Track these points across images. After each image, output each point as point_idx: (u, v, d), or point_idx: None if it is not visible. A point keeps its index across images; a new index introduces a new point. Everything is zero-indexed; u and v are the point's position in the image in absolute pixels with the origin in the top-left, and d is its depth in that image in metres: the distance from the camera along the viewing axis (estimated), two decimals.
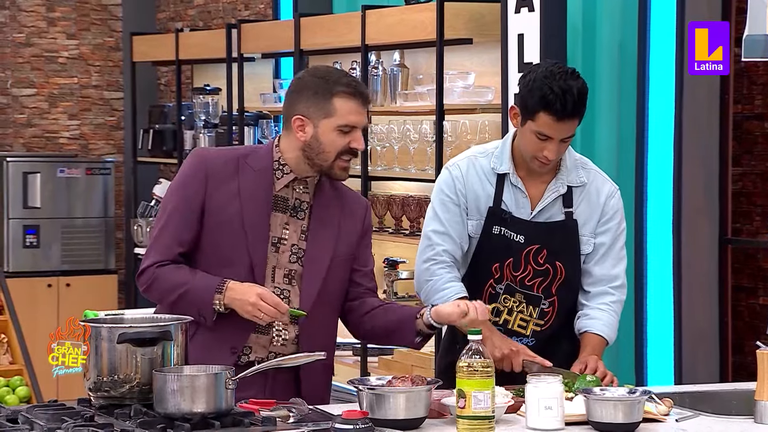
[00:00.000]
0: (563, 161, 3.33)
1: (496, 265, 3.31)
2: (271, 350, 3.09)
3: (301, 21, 6.06)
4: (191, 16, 8.26)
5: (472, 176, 3.33)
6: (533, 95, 3.19)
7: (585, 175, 3.34)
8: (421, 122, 5.38)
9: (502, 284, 3.32)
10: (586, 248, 3.33)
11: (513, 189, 3.31)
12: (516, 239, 3.29)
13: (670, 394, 3.04)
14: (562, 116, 3.18)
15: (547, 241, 3.30)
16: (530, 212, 3.30)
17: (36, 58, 8.41)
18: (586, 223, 3.33)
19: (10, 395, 4.86)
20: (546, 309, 3.32)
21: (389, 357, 5.58)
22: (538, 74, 3.22)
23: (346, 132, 3.05)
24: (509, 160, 3.32)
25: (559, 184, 3.32)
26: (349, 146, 3.06)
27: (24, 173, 7.79)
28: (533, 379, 2.81)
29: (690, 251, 4.49)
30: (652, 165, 4.62)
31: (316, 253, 3.11)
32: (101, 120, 8.60)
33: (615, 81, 4.76)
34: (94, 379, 2.76)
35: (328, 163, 3.07)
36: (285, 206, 3.11)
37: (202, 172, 3.08)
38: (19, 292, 5.88)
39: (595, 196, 3.34)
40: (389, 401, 2.75)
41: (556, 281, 3.32)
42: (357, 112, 3.05)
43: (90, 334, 2.78)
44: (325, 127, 3.05)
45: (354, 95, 3.05)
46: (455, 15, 5.11)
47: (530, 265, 3.30)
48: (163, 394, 2.66)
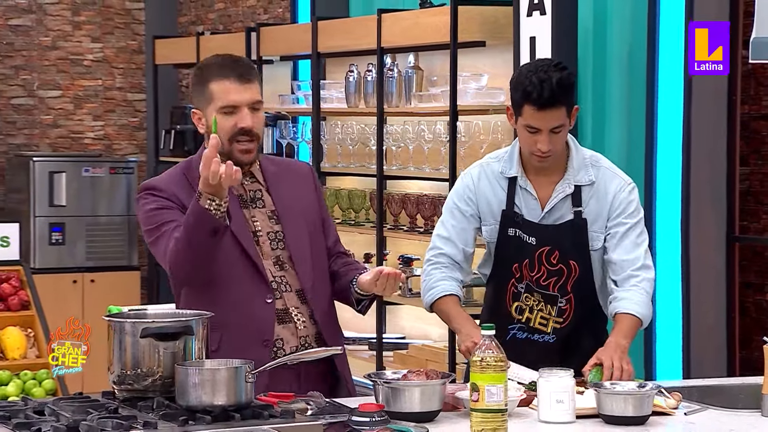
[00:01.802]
0: (570, 160, 3.31)
1: (515, 265, 3.32)
2: (300, 335, 3.07)
3: (319, 24, 6.06)
4: (212, 19, 8.27)
5: (484, 183, 3.34)
6: (517, 90, 3.21)
7: (594, 173, 3.32)
8: (435, 123, 5.38)
9: (523, 283, 3.32)
10: (596, 244, 3.31)
11: (523, 192, 3.31)
12: (528, 241, 3.29)
13: (678, 388, 3.03)
14: (542, 105, 3.16)
15: (558, 242, 3.29)
16: (540, 213, 3.30)
17: (61, 60, 8.43)
18: (596, 221, 3.31)
19: (37, 388, 4.87)
20: (564, 307, 3.31)
21: (404, 352, 5.58)
22: (524, 69, 3.25)
23: (230, 113, 2.99)
24: (518, 163, 3.32)
25: (566, 185, 3.30)
26: (236, 126, 2.99)
27: (50, 172, 7.82)
28: (545, 374, 2.81)
29: (698, 249, 4.48)
30: (661, 164, 4.60)
31: (294, 231, 3.08)
32: (124, 121, 8.63)
33: (625, 82, 4.75)
34: (118, 373, 2.76)
35: (226, 148, 3.00)
36: (244, 201, 3.08)
37: (165, 193, 3.02)
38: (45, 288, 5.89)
39: (603, 193, 3.32)
40: (405, 395, 2.75)
41: (571, 279, 3.30)
42: (234, 91, 2.98)
43: (114, 328, 2.79)
44: (210, 112, 3.01)
45: (226, 76, 2.99)
46: (469, 18, 5.11)
47: (543, 266, 3.30)
48: (185, 387, 2.66)
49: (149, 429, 2.56)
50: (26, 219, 7.71)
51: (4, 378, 4.86)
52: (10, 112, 8.33)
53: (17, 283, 5.29)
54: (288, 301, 3.08)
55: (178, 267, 2.98)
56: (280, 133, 6.47)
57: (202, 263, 2.97)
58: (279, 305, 3.06)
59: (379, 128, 5.63)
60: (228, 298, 3.04)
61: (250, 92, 3.01)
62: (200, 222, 2.89)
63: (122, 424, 2.54)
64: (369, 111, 5.76)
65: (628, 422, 2.76)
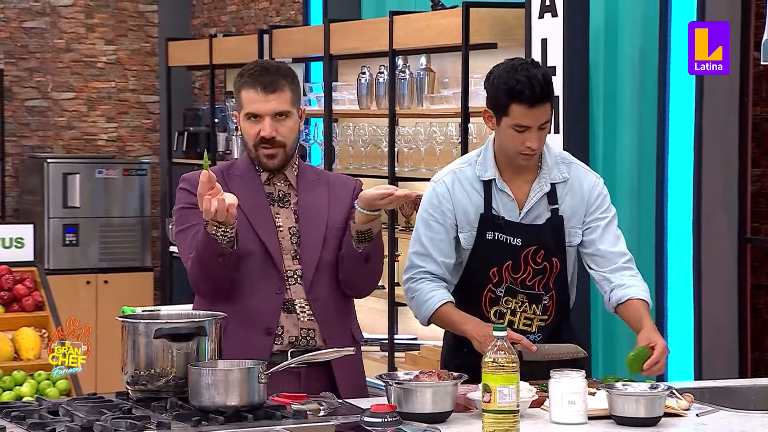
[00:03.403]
0: (544, 159, 3.29)
1: (493, 270, 3.27)
2: (301, 326, 3.10)
3: (331, 26, 6.06)
4: (225, 22, 8.28)
5: (458, 189, 3.28)
6: (500, 91, 3.17)
7: (566, 170, 3.31)
8: (446, 124, 5.38)
9: (502, 287, 3.28)
10: (574, 240, 3.30)
11: (500, 194, 3.27)
12: (513, 242, 3.25)
13: (690, 390, 3.03)
14: (533, 102, 3.15)
15: (542, 241, 3.27)
16: (518, 214, 3.27)
17: (75, 63, 8.46)
18: (573, 217, 3.30)
19: (51, 388, 4.88)
20: (547, 304, 3.30)
21: (416, 352, 5.58)
22: (501, 71, 3.22)
23: (255, 121, 3.09)
24: (493, 165, 3.28)
25: (542, 183, 3.28)
26: (258, 135, 3.09)
27: (64, 174, 7.84)
28: (557, 375, 2.81)
29: (710, 250, 4.47)
30: (673, 166, 4.59)
31: (309, 228, 3.14)
32: (138, 123, 8.64)
33: (636, 84, 4.74)
34: (132, 373, 2.77)
35: (253, 154, 3.13)
36: (272, 199, 3.16)
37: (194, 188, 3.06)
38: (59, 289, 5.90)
39: (579, 189, 3.30)
40: (417, 395, 2.75)
41: (552, 275, 3.29)
42: (258, 101, 3.08)
43: (128, 329, 2.79)
44: (241, 118, 3.14)
45: (252, 85, 3.09)
46: (480, 20, 5.11)
47: (529, 266, 3.27)
48: (198, 387, 2.67)
49: (163, 429, 2.56)
50: (40, 220, 7.73)
51: (18, 378, 4.88)
52: (24, 114, 8.35)
53: (31, 284, 5.30)
54: (295, 292, 3.11)
55: (195, 280, 3.10)
56: None
57: (216, 279, 3.06)
58: (286, 295, 3.11)
59: (390, 130, 5.63)
60: (242, 286, 3.09)
61: (273, 103, 3.09)
62: (207, 246, 3.00)
63: (136, 424, 2.55)
64: (381, 113, 5.76)
65: (640, 423, 2.75)
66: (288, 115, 3.11)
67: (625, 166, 4.74)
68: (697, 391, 3.06)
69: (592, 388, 2.91)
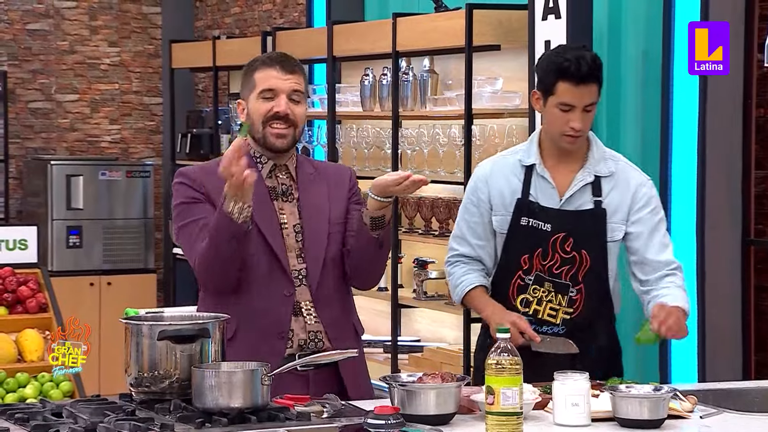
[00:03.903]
0: (591, 152, 3.33)
1: (525, 257, 3.31)
2: (309, 329, 3.09)
3: (334, 28, 6.07)
4: (228, 24, 8.29)
5: (497, 173, 3.35)
6: (549, 70, 3.24)
7: (614, 166, 3.35)
8: (450, 126, 5.38)
9: (531, 275, 3.32)
10: (617, 234, 3.32)
11: (540, 180, 3.32)
12: (543, 228, 3.29)
13: (694, 392, 3.02)
14: (580, 80, 3.20)
15: (574, 229, 3.29)
16: (558, 201, 3.30)
17: (79, 65, 8.47)
18: (617, 212, 3.32)
19: (55, 390, 4.89)
20: (574, 296, 3.32)
21: (419, 354, 5.58)
22: (551, 52, 3.31)
23: (269, 98, 3.08)
24: (537, 151, 3.33)
25: (587, 174, 3.32)
26: (272, 110, 3.07)
27: (67, 176, 7.84)
28: (560, 377, 2.81)
29: (713, 252, 4.46)
30: (676, 168, 4.59)
31: (313, 225, 3.12)
32: (141, 124, 8.65)
33: (639, 86, 4.74)
34: (135, 375, 2.77)
35: (259, 132, 3.09)
36: (275, 194, 3.14)
37: (193, 183, 3.08)
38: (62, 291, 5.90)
39: (625, 184, 3.33)
40: (420, 397, 2.75)
41: (582, 269, 3.31)
42: (275, 77, 3.07)
43: (131, 331, 2.80)
44: (251, 100, 3.11)
45: (270, 64, 3.09)
46: (484, 22, 5.11)
47: (557, 253, 3.30)
48: (202, 389, 2.67)
49: (166, 431, 2.56)
50: (44, 222, 7.74)
51: (22, 380, 4.88)
52: (28, 116, 8.36)
53: (35, 285, 5.31)
54: (301, 294, 3.11)
55: (205, 270, 3.04)
56: None
57: (226, 268, 3.02)
58: (294, 298, 3.09)
59: (394, 132, 5.63)
60: (249, 289, 3.07)
61: (290, 81, 3.09)
62: (222, 228, 2.95)
63: (139, 426, 2.55)
64: (384, 115, 5.76)
65: (644, 426, 2.75)
66: (301, 99, 3.12)
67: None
68: (701, 393, 3.06)
69: (595, 390, 2.91)
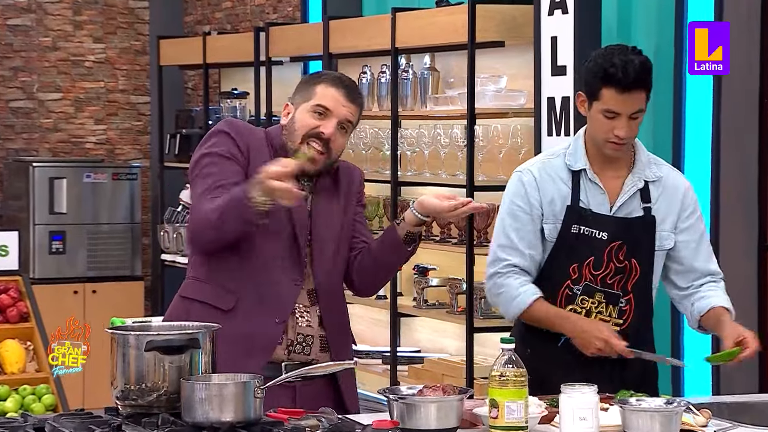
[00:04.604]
0: (638, 156, 3.34)
1: (574, 266, 3.30)
2: (298, 332, 3.12)
3: (330, 24, 6.07)
4: (219, 19, 8.30)
5: (546, 179, 3.32)
6: (595, 74, 3.23)
7: (659, 171, 3.36)
8: (451, 127, 5.39)
9: (580, 285, 3.30)
10: (667, 243, 3.33)
11: (590, 185, 3.31)
12: (599, 236, 3.28)
13: (707, 405, 3.02)
14: (625, 87, 3.19)
15: (628, 238, 3.30)
16: (609, 208, 3.30)
17: (62, 62, 8.47)
18: (666, 219, 3.33)
19: (36, 404, 4.90)
20: (624, 307, 3.32)
21: (419, 366, 5.58)
22: (598, 54, 3.28)
23: (320, 114, 3.10)
24: (584, 155, 3.32)
25: (636, 179, 3.32)
26: (318, 129, 3.09)
27: (50, 178, 7.85)
28: (567, 389, 2.81)
29: (728, 257, 4.46)
30: (689, 172, 4.60)
31: (323, 233, 3.15)
32: (128, 125, 8.66)
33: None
34: (122, 388, 2.77)
35: (296, 144, 3.11)
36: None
37: (240, 139, 3.12)
38: (44, 299, 5.91)
39: (673, 190, 3.34)
40: (420, 411, 2.75)
41: (632, 278, 3.31)
42: (335, 98, 3.10)
43: (117, 342, 2.80)
44: (302, 108, 3.13)
45: (336, 84, 3.11)
46: (487, 17, 5.11)
47: (612, 263, 3.29)
48: (191, 402, 2.67)
49: None
50: (25, 227, 7.74)
51: (2, 393, 4.89)
52: (9, 115, 8.37)
53: (16, 294, 5.32)
54: (298, 296, 3.14)
55: (195, 232, 3.08)
56: None
57: (216, 243, 3.06)
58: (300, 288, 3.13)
59: (393, 132, 5.63)
60: (264, 265, 3.09)
61: (348, 109, 3.12)
62: (236, 204, 2.97)
63: None
64: (383, 114, 5.77)
65: None
66: (348, 131, 3.16)
67: None
68: (715, 406, 3.06)
69: (604, 403, 2.91)
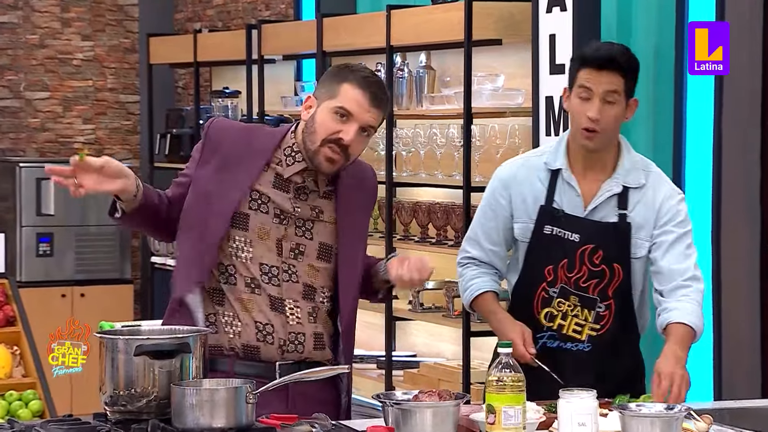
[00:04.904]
0: (620, 161, 3.35)
1: (549, 268, 3.32)
2: (289, 330, 3.11)
3: (324, 21, 6.07)
4: (210, 16, 8.30)
5: (521, 176, 3.37)
6: (574, 61, 3.32)
7: (645, 177, 3.36)
8: (448, 126, 5.39)
9: (556, 287, 3.32)
10: (639, 251, 3.34)
11: (565, 187, 3.33)
12: (570, 238, 3.30)
13: (709, 411, 3.02)
14: (599, 65, 3.24)
15: (602, 242, 3.31)
16: (582, 212, 3.32)
17: (50, 60, 8.46)
18: (642, 228, 3.34)
19: (23, 409, 4.88)
20: (602, 312, 3.33)
21: (415, 370, 5.57)
22: (581, 47, 3.42)
23: (341, 117, 3.07)
24: (564, 155, 3.35)
25: (614, 184, 3.33)
26: (338, 135, 3.07)
27: (37, 179, 7.84)
28: (566, 395, 2.80)
29: (730, 260, 4.47)
30: (690, 171, 4.60)
31: (351, 252, 3.16)
32: (117, 124, 8.65)
33: (650, 83, 4.75)
34: (110, 393, 2.77)
35: (315, 146, 3.08)
36: (288, 188, 3.13)
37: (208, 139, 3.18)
38: (32, 303, 5.90)
39: (652, 199, 3.35)
40: (416, 417, 2.75)
41: (613, 284, 3.32)
42: (359, 103, 3.07)
43: (106, 346, 2.79)
44: (324, 106, 3.10)
45: (362, 86, 3.08)
46: (484, 14, 5.12)
47: (585, 266, 3.31)
48: (182, 408, 2.67)
49: None
50: (12, 229, 7.73)
51: None
52: None
53: (2, 297, 5.30)
54: (286, 291, 3.11)
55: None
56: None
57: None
58: (274, 292, 3.10)
59: (388, 132, 5.63)
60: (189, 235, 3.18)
61: (371, 115, 3.10)
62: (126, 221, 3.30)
63: None
64: None
65: None
66: (369, 135, 3.14)
67: None
68: (717, 412, 3.07)
69: (603, 408, 2.91)
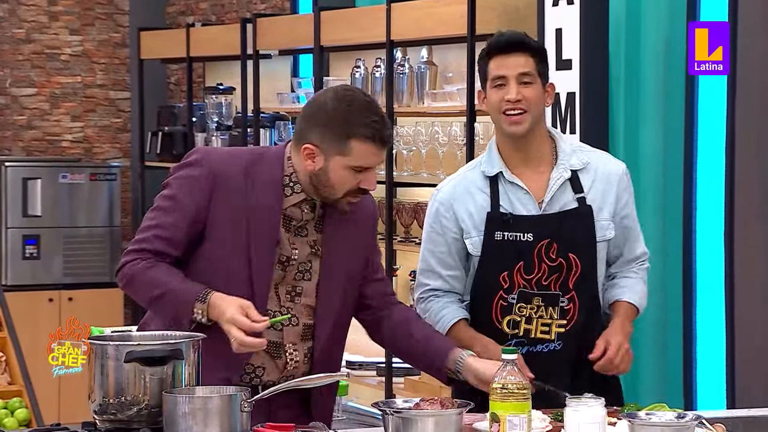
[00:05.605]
0: (559, 147, 3.39)
1: (504, 275, 3.33)
2: (286, 374, 3.13)
3: (322, 15, 6.08)
4: (203, 9, 8.31)
5: (460, 192, 3.38)
6: (482, 58, 3.37)
7: (586, 157, 3.41)
8: (450, 124, 5.39)
9: (514, 293, 3.33)
10: (608, 233, 3.38)
11: (510, 188, 3.34)
12: (524, 239, 3.32)
13: (722, 420, 3.03)
14: (503, 49, 3.30)
15: (557, 234, 3.32)
16: (538, 207, 3.33)
17: (37, 55, 8.47)
18: (603, 208, 3.37)
19: (9, 418, 4.89)
20: (566, 307, 3.34)
21: (416, 378, 5.58)
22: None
23: (359, 172, 3.08)
24: (498, 159, 3.37)
25: (562, 170, 3.36)
26: (360, 185, 3.09)
27: (24, 179, 7.85)
28: (573, 403, 2.81)
29: (744, 263, 4.47)
30: (702, 168, 4.61)
31: (332, 272, 3.15)
32: (106, 122, 8.66)
33: (661, 79, 4.75)
34: (100, 401, 2.78)
35: (334, 197, 3.11)
36: (289, 226, 3.14)
37: (211, 175, 3.09)
38: (18, 307, 5.92)
39: (605, 175, 3.40)
40: (417, 425, 2.76)
41: (572, 275, 3.33)
42: (373, 155, 3.08)
43: (95, 352, 2.80)
44: (336, 163, 3.07)
45: (374, 139, 3.06)
46: (487, 8, 5.12)
47: (544, 263, 3.32)
48: (174, 417, 2.67)
49: None
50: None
51: None
52: None
53: None
54: (286, 336, 3.13)
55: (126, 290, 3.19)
56: (279, 135, 6.49)
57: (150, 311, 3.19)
58: (273, 337, 3.10)
59: None
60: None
61: (381, 157, 3.12)
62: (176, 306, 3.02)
63: None
64: None
65: None
66: (377, 168, 3.16)
67: (648, 170, 4.75)
68: (730, 421, 3.07)
69: (612, 417, 2.91)
